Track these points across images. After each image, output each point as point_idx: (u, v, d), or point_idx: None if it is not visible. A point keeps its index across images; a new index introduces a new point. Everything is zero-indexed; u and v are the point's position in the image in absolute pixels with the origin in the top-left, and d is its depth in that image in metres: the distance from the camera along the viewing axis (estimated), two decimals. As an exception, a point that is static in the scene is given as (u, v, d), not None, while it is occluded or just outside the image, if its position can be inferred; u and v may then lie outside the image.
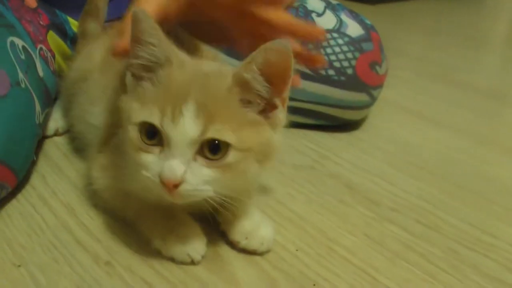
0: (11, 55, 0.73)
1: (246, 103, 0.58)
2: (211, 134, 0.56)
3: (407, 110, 1.18)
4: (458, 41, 1.85)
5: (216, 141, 0.56)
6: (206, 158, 0.56)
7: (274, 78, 0.58)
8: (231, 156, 0.57)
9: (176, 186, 0.55)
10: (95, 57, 0.84)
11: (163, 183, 0.56)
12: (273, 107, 0.60)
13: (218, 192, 0.58)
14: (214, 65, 0.64)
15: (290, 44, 0.56)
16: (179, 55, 0.61)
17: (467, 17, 2.24)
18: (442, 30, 1.99)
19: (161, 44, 0.59)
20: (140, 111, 0.58)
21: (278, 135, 0.61)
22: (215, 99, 0.57)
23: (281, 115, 0.61)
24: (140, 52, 0.60)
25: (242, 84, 0.58)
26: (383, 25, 1.03)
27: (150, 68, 0.60)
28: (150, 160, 0.57)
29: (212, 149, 0.56)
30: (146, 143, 0.58)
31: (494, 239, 0.73)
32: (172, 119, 0.55)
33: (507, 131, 1.14)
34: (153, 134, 0.57)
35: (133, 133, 0.58)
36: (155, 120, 0.56)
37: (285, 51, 0.56)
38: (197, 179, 0.56)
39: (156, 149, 0.57)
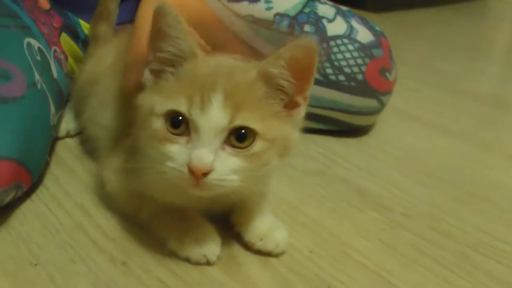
0: (28, 56, 0.73)
1: (271, 97, 0.59)
2: (240, 121, 0.56)
3: (413, 117, 1.18)
4: (461, 50, 1.85)
5: (243, 130, 0.57)
6: (233, 146, 0.57)
7: (299, 74, 0.59)
8: (258, 145, 0.57)
9: (204, 174, 0.55)
10: (106, 60, 0.84)
11: (192, 171, 0.55)
12: (296, 105, 0.61)
13: (242, 183, 0.58)
14: (235, 59, 0.65)
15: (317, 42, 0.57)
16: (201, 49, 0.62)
17: (469, 27, 2.25)
18: (445, 39, 2.00)
19: (186, 37, 0.59)
20: (165, 102, 0.58)
21: (297, 133, 0.63)
22: (242, 89, 0.57)
23: (303, 113, 0.62)
24: (164, 46, 0.60)
25: (267, 79, 0.59)
26: (386, 33, 1.03)
27: (174, 61, 0.60)
28: (176, 150, 0.57)
29: (239, 137, 0.57)
30: (171, 133, 0.58)
31: (505, 245, 0.74)
32: (201, 107, 0.56)
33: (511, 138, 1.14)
34: (178, 124, 0.57)
35: (157, 124, 0.58)
36: (182, 108, 0.56)
37: (312, 48, 0.57)
38: (225, 168, 0.56)
39: (182, 139, 0.57)
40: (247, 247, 0.67)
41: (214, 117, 0.56)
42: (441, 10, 2.49)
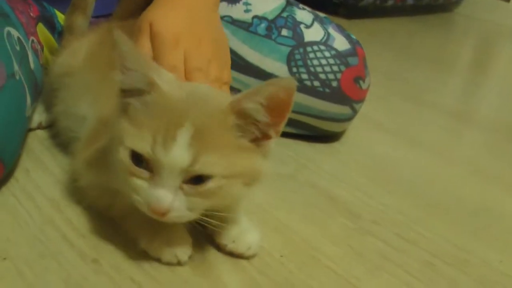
0: (8, 45, 0.72)
1: (240, 130, 0.58)
2: (198, 168, 0.56)
3: (382, 126, 1.21)
4: (426, 62, 1.89)
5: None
6: (191, 185, 0.57)
7: (276, 112, 0.58)
8: (214, 183, 0.57)
9: (164, 214, 0.57)
10: (80, 54, 0.84)
11: (152, 211, 0.57)
12: (267, 137, 0.60)
13: (203, 213, 0.60)
14: (206, 88, 0.64)
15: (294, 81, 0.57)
16: (166, 77, 0.60)
17: (435, 39, 2.29)
18: (411, 50, 2.04)
19: (142, 69, 0.58)
20: (133, 136, 0.57)
21: (266, 163, 0.62)
22: (210, 124, 0.56)
23: (273, 145, 0.61)
24: (123, 77, 0.59)
25: (240, 112, 0.57)
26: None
27: (135, 93, 0.59)
28: (140, 184, 0.58)
29: (196, 178, 0.57)
30: (136, 167, 0.58)
31: (468, 255, 0.76)
32: (163, 145, 0.55)
33: (474, 153, 1.17)
34: (142, 161, 0.57)
35: (124, 157, 0.58)
36: (146, 147, 0.56)
37: (292, 89, 0.57)
38: (184, 207, 0.58)
39: (146, 174, 0.58)
40: (219, 248, 0.67)
41: (177, 158, 0.55)
42: (409, 21, 2.54)
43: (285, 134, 1.01)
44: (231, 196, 0.61)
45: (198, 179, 0.57)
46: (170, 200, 0.56)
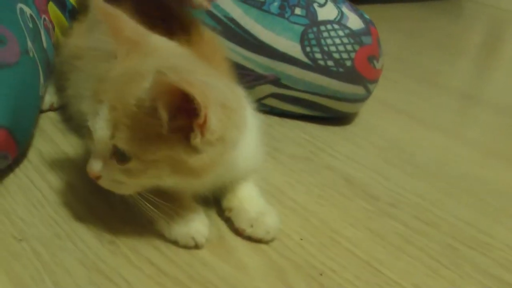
0: (21, 22, 0.70)
1: (156, 118, 0.54)
2: (115, 141, 0.56)
3: (395, 108, 1.19)
4: (435, 46, 1.87)
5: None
6: (116, 162, 0.58)
7: (178, 109, 0.54)
8: (132, 164, 0.57)
9: (95, 178, 0.60)
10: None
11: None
12: (191, 129, 0.55)
13: (145, 190, 0.60)
14: (154, 64, 0.58)
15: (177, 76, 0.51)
16: (125, 47, 0.60)
17: (443, 25, 2.26)
18: (421, 36, 2.01)
19: (106, 35, 0.60)
20: (89, 104, 0.59)
21: (200, 157, 0.57)
22: (128, 105, 0.55)
23: (198, 140, 0.55)
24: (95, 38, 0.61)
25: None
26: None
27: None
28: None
29: (120, 154, 0.57)
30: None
31: (490, 238, 0.74)
32: (93, 117, 0.57)
33: (487, 135, 1.15)
34: None
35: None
36: (89, 114, 0.58)
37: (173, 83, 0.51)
38: (109, 178, 0.59)
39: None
40: (238, 233, 0.66)
41: (98, 130, 0.57)
42: (417, 7, 2.50)
43: (299, 117, 1.01)
44: (158, 180, 0.59)
45: (122, 158, 0.57)
46: (97, 168, 0.59)
